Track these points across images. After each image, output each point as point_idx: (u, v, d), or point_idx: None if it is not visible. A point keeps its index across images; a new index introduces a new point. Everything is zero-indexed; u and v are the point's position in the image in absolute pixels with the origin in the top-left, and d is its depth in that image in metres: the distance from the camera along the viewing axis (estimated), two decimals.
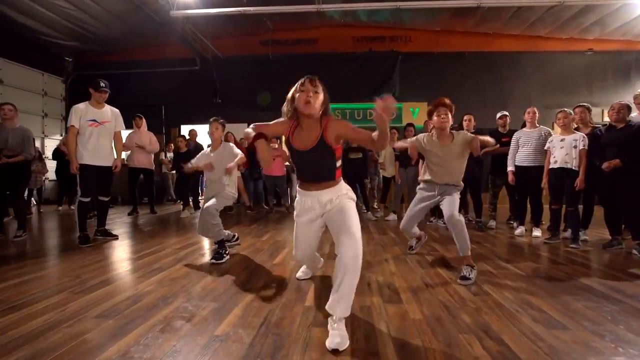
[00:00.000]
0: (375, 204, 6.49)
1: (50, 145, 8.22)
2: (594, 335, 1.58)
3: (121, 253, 3.24)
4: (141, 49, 8.84)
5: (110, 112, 3.84)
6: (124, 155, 5.04)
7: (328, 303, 1.56)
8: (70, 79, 8.97)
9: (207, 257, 3.03)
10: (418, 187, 2.97)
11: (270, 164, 1.84)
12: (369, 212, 5.78)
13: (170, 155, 7.93)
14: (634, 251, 3.19)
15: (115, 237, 3.89)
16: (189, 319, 1.75)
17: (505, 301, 2.00)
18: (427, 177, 2.83)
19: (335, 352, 1.41)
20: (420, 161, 4.95)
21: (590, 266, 2.83)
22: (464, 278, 2.34)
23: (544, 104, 7.80)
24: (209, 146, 3.39)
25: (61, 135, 8.75)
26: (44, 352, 1.42)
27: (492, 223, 4.75)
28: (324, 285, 2.27)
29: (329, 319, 1.56)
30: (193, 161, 3.30)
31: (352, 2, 6.72)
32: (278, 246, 3.50)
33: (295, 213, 1.95)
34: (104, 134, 3.75)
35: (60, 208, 6.75)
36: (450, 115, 2.72)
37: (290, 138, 1.79)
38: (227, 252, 2.97)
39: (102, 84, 3.73)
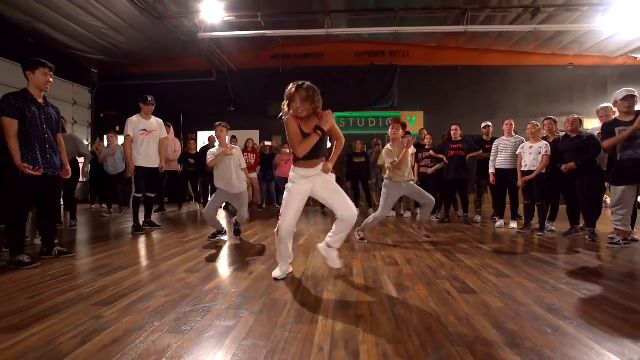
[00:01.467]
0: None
1: None
2: (526, 280, 2.35)
3: (172, 238, 4.00)
4: (162, 62, 9.65)
5: (156, 122, 4.61)
6: None
7: (328, 241, 2.45)
8: (96, 89, 9.77)
9: (242, 240, 3.80)
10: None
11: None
12: (372, 209, 6.55)
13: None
14: (587, 237, 3.96)
15: (160, 227, 4.65)
16: (251, 272, 2.52)
17: (472, 264, 2.78)
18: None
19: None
20: (416, 164, 5.78)
21: (548, 247, 3.60)
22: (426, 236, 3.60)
23: (530, 113, 8.60)
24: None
25: (87, 140, 9.53)
26: (165, 286, 2.18)
27: (478, 218, 5.53)
28: (342, 255, 3.04)
29: (323, 248, 2.48)
30: (213, 152, 3.85)
31: (356, 26, 7.56)
32: (297, 233, 4.27)
33: (289, 186, 2.36)
34: (152, 141, 4.51)
35: (93, 207, 7.50)
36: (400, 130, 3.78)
37: (301, 128, 2.27)
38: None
39: (149, 99, 4.49)
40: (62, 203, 5.20)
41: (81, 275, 2.43)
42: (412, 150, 3.89)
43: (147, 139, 4.46)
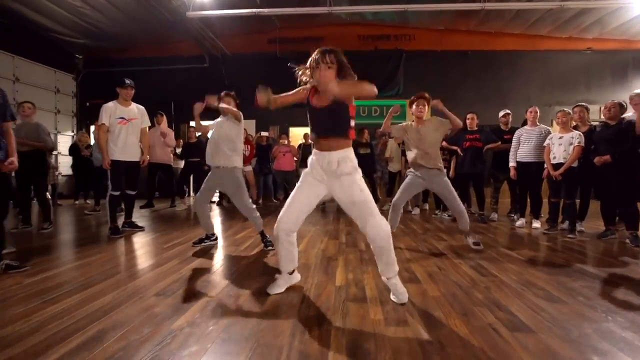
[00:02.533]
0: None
1: (63, 141, 8.42)
2: (588, 308, 1.85)
3: (152, 243, 3.49)
4: (150, 46, 9.02)
5: (136, 109, 4.05)
6: None
7: (380, 270, 1.98)
8: (80, 76, 9.14)
9: (233, 246, 3.29)
10: (408, 170, 3.35)
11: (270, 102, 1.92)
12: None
13: (179, 151, 8.17)
14: (627, 240, 3.46)
15: (142, 229, 4.13)
16: (237, 297, 2.01)
17: (510, 281, 2.27)
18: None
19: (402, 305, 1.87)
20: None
21: (586, 253, 3.11)
22: (476, 244, 3.08)
23: (544, 101, 8.05)
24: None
25: (72, 131, 8.95)
26: (123, 322, 1.67)
27: (494, 215, 5.02)
28: (349, 268, 2.53)
29: (386, 280, 1.97)
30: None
31: (360, 4, 6.91)
32: (298, 235, 3.75)
33: (304, 171, 2.01)
34: (131, 131, 3.96)
35: (76, 202, 6.98)
36: (427, 107, 3.13)
37: (310, 99, 1.96)
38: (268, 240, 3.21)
39: (127, 81, 3.93)
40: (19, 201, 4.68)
41: (23, 302, 1.92)
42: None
43: (126, 129, 3.91)
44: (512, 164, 4.51)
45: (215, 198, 6.98)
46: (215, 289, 2.15)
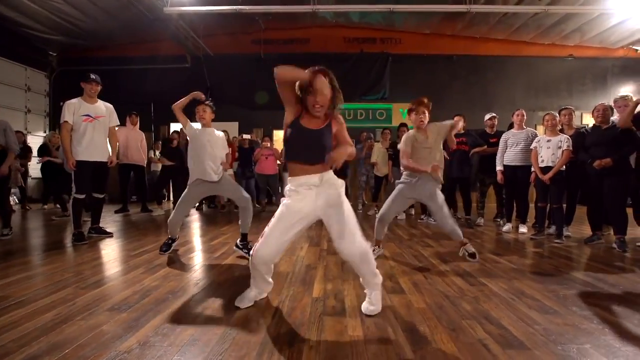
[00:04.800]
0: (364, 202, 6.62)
1: (34, 142, 7.98)
2: (582, 319, 1.71)
3: (119, 250, 3.23)
4: (129, 45, 8.70)
5: (104, 107, 3.79)
6: None
7: (364, 284, 1.86)
8: (54, 74, 8.73)
9: (206, 254, 3.06)
10: (398, 181, 3.06)
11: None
12: (361, 209, 5.88)
13: (158, 153, 7.85)
14: (614, 245, 3.39)
15: (110, 235, 3.86)
16: (201, 311, 1.79)
17: (500, 291, 2.13)
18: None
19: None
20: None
21: (574, 259, 3.01)
22: (472, 255, 2.87)
23: (528, 106, 8.08)
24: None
25: (45, 132, 8.52)
26: (63, 343, 1.44)
27: (481, 220, 4.93)
28: (329, 277, 2.35)
29: (366, 308, 1.80)
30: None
31: (346, 4, 6.81)
32: None
33: (284, 201, 1.79)
34: (98, 129, 3.70)
35: (45, 207, 6.58)
36: (427, 114, 2.86)
37: (299, 118, 1.74)
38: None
39: (92, 76, 3.68)
40: None
41: None
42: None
43: (92, 127, 3.64)
44: (499, 167, 4.43)
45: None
46: (178, 301, 1.93)
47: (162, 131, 8.78)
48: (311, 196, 1.73)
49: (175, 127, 8.93)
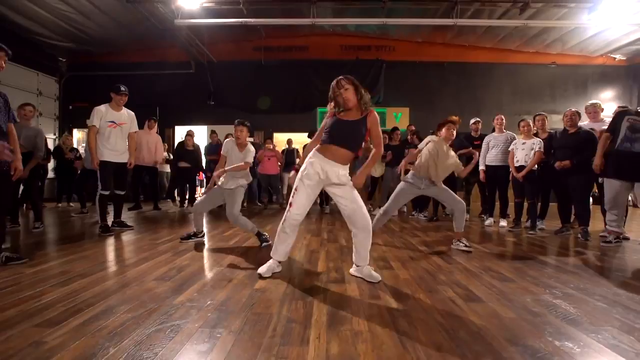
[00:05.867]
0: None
1: None
2: (532, 284, 2.18)
3: (143, 240, 3.64)
4: (136, 52, 9.10)
5: (127, 115, 4.21)
6: None
7: (355, 259, 2.32)
8: (64, 79, 9.11)
9: (222, 242, 3.50)
10: (405, 177, 3.40)
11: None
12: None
13: (165, 154, 8.26)
14: (579, 235, 3.87)
15: (131, 228, 4.27)
16: (230, 281, 2.23)
17: (472, 267, 2.59)
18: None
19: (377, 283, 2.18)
20: (403, 161, 5.58)
21: (543, 246, 3.48)
22: (467, 247, 3.15)
23: (514, 110, 8.63)
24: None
25: (54, 134, 8.89)
26: (129, 299, 1.87)
27: (466, 216, 5.40)
28: (330, 259, 2.79)
29: (356, 270, 2.32)
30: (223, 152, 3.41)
31: (343, 17, 7.30)
32: None
33: (301, 174, 2.24)
34: (120, 135, 4.12)
35: (59, 205, 6.96)
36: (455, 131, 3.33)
37: (335, 115, 2.24)
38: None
39: (122, 88, 4.09)
40: (18, 201, 4.73)
41: (30, 287, 2.08)
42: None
43: (115, 132, 4.06)
44: (481, 167, 4.91)
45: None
46: (210, 274, 2.36)
47: (167, 133, 9.19)
48: (320, 177, 2.20)
49: (178, 130, 9.36)
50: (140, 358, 1.27)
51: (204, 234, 3.63)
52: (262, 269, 2.32)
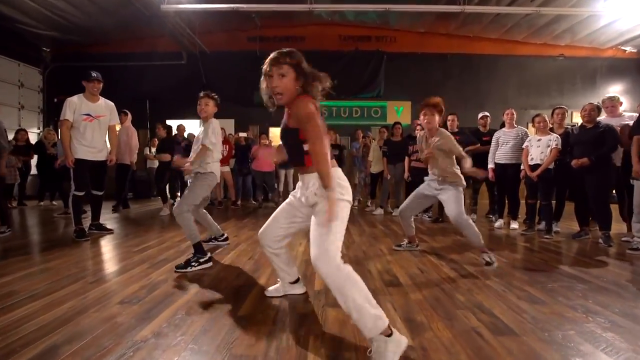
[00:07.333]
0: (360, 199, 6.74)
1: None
2: (568, 308, 1.84)
3: (121, 247, 3.28)
4: (125, 42, 8.66)
5: (104, 106, 3.81)
6: None
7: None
8: (48, 70, 8.65)
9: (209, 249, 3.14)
10: (426, 177, 3.02)
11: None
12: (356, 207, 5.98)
13: (154, 150, 7.85)
14: (600, 240, 3.54)
15: (111, 231, 3.90)
16: (209, 304, 1.88)
17: (492, 283, 2.25)
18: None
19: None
20: (407, 158, 5.24)
21: (562, 253, 3.15)
22: (488, 264, 2.61)
23: (520, 104, 8.26)
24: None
25: (38, 128, 8.47)
26: (81, 333, 1.52)
27: (473, 216, 5.07)
28: None
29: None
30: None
31: (342, 3, 6.87)
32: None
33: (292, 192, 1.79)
34: (98, 129, 3.72)
35: (42, 203, 6.58)
36: (435, 117, 2.82)
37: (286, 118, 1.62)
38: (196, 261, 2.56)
39: (93, 74, 3.68)
40: None
41: None
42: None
43: (92, 127, 3.66)
44: (490, 165, 4.56)
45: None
46: (186, 295, 2.01)
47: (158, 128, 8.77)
48: (297, 194, 1.69)
49: (170, 123, 8.93)
50: None
51: (226, 236, 3.37)
52: (269, 290, 2.02)
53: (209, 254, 2.63)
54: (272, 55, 1.53)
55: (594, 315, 1.75)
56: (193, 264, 2.49)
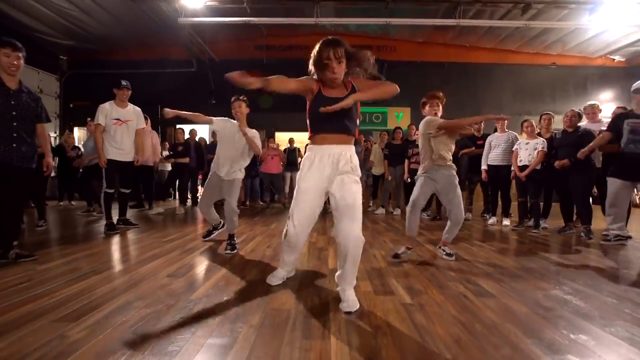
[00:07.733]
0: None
1: None
2: (542, 281, 2.21)
3: (150, 237, 3.65)
4: (137, 49, 9.09)
5: (132, 111, 4.20)
6: None
7: (336, 276, 1.86)
8: (65, 77, 9.08)
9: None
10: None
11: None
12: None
13: (165, 153, 8.23)
14: (582, 234, 3.91)
15: (137, 226, 4.27)
16: (243, 277, 2.25)
17: (480, 265, 2.62)
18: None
19: (348, 314, 1.66)
20: (406, 160, 5.62)
21: (547, 244, 3.52)
22: (449, 255, 2.80)
23: (514, 110, 8.69)
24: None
25: (55, 132, 8.86)
26: (145, 295, 1.88)
27: (469, 215, 5.43)
28: None
29: (339, 289, 1.81)
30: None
31: (345, 17, 7.32)
32: None
33: (299, 176, 1.87)
34: (126, 132, 4.10)
35: (61, 203, 6.94)
36: (440, 108, 2.96)
37: (320, 90, 1.81)
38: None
39: (123, 83, 4.07)
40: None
41: (44, 283, 2.08)
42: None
43: (121, 130, 4.05)
44: (483, 167, 4.95)
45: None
46: (222, 271, 2.38)
47: (169, 132, 9.18)
48: (325, 167, 1.79)
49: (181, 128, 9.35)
50: (165, 351, 1.28)
51: (223, 223, 3.49)
52: (270, 278, 2.12)
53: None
54: (329, 42, 1.75)
55: (560, 285, 2.12)
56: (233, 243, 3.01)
